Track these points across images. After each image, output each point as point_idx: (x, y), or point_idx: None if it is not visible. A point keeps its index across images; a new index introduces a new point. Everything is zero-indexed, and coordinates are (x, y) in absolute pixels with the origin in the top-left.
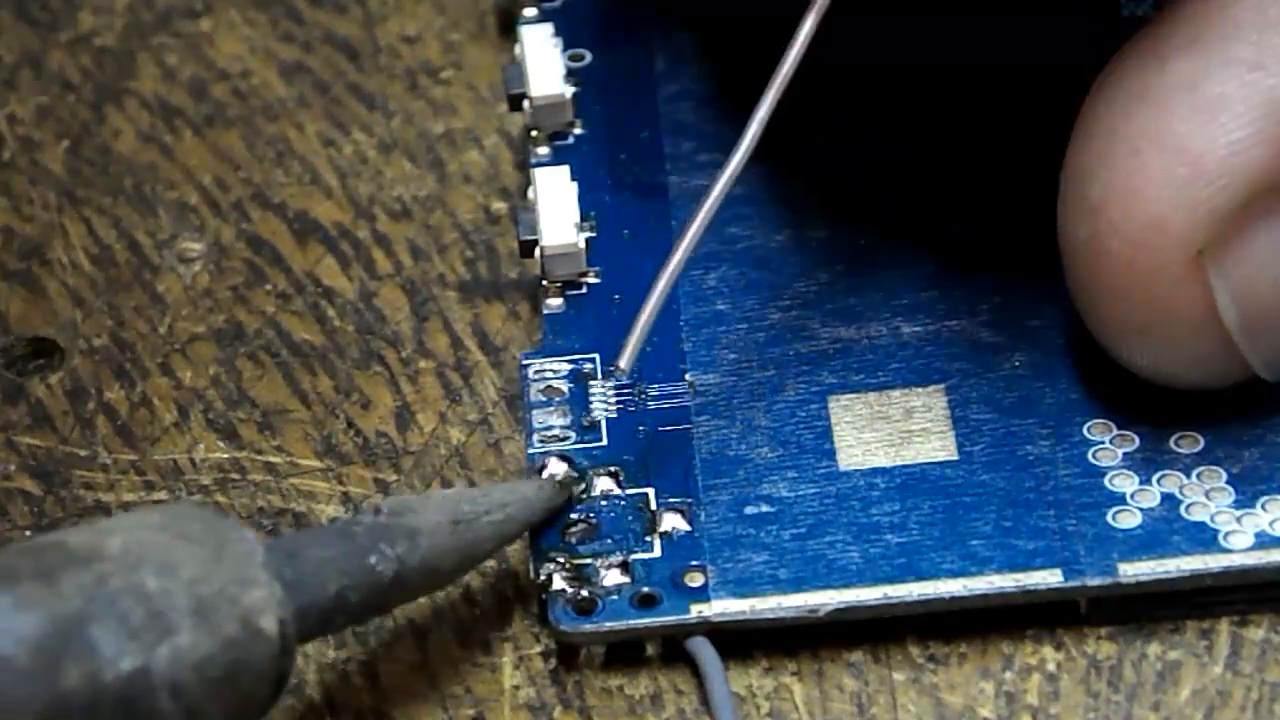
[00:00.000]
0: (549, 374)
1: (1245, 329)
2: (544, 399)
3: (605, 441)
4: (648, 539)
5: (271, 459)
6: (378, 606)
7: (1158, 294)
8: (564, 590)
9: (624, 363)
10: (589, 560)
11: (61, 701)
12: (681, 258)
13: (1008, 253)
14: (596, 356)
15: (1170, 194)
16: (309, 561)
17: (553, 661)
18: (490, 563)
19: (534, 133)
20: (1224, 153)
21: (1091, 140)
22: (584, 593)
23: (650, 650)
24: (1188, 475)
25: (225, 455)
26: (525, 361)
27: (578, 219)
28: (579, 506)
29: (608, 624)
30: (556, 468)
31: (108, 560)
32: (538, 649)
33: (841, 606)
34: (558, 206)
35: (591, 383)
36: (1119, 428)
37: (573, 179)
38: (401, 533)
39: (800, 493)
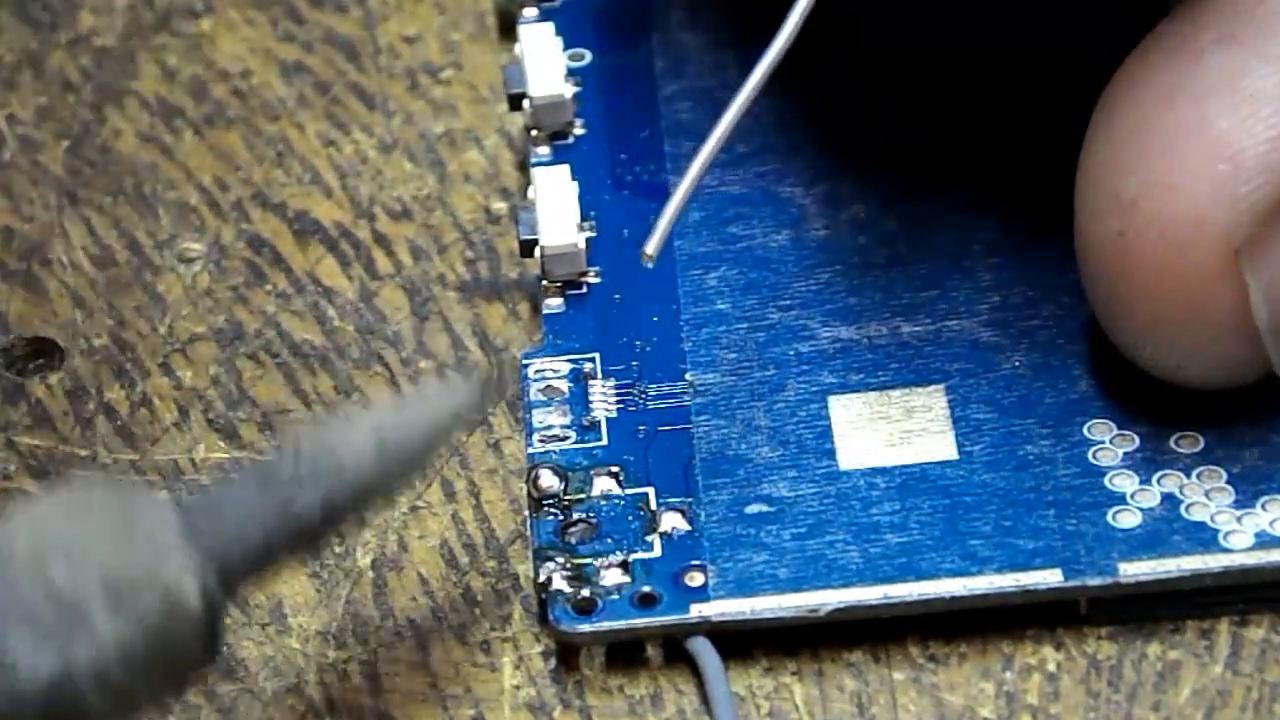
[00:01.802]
0: (549, 374)
1: (1276, 329)
2: (544, 399)
3: (605, 441)
4: (648, 539)
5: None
6: (310, 544)
7: (1192, 292)
8: (564, 590)
9: (651, 248)
10: (589, 560)
11: None
12: (717, 142)
13: (1008, 252)
14: (596, 356)
15: (1210, 190)
16: (228, 519)
17: (553, 661)
18: (491, 562)
19: (534, 133)
20: (1265, 148)
21: (1121, 134)
22: (584, 593)
23: (650, 650)
24: (1188, 475)
25: (225, 455)
26: (525, 361)
27: (578, 219)
28: (579, 506)
29: (608, 624)
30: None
31: (14, 556)
32: (538, 649)
33: (841, 606)
34: (558, 206)
35: (591, 383)
36: (1119, 428)
37: (573, 179)
38: (326, 469)
39: (800, 493)
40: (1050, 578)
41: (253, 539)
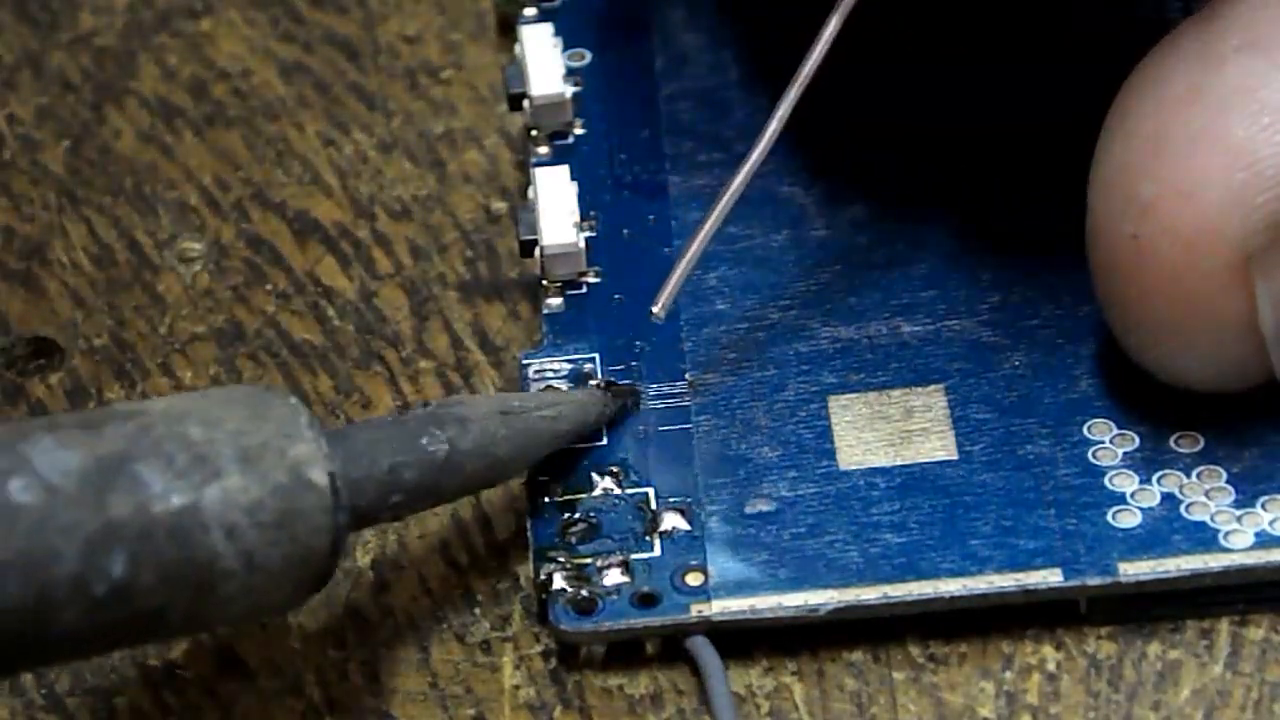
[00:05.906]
0: (549, 374)
1: None
2: None
3: (605, 441)
4: (648, 539)
5: None
6: (435, 489)
7: (1203, 297)
8: (564, 590)
9: (658, 308)
10: (589, 560)
11: (111, 530)
12: (730, 199)
13: (1008, 252)
14: (596, 356)
15: (1227, 197)
16: (359, 440)
17: (553, 661)
18: (491, 562)
19: (534, 132)
20: None
21: (1138, 138)
22: (584, 592)
23: (650, 650)
24: (1188, 475)
25: None
26: (525, 361)
27: (578, 219)
28: (579, 507)
29: (608, 624)
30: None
31: (150, 415)
32: (538, 649)
33: (841, 606)
34: (558, 206)
35: (591, 383)
36: (1119, 428)
37: (573, 179)
38: (451, 419)
39: (800, 492)
40: (1050, 577)
41: (381, 462)
